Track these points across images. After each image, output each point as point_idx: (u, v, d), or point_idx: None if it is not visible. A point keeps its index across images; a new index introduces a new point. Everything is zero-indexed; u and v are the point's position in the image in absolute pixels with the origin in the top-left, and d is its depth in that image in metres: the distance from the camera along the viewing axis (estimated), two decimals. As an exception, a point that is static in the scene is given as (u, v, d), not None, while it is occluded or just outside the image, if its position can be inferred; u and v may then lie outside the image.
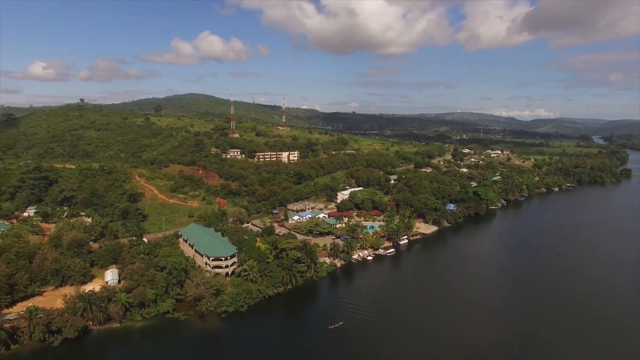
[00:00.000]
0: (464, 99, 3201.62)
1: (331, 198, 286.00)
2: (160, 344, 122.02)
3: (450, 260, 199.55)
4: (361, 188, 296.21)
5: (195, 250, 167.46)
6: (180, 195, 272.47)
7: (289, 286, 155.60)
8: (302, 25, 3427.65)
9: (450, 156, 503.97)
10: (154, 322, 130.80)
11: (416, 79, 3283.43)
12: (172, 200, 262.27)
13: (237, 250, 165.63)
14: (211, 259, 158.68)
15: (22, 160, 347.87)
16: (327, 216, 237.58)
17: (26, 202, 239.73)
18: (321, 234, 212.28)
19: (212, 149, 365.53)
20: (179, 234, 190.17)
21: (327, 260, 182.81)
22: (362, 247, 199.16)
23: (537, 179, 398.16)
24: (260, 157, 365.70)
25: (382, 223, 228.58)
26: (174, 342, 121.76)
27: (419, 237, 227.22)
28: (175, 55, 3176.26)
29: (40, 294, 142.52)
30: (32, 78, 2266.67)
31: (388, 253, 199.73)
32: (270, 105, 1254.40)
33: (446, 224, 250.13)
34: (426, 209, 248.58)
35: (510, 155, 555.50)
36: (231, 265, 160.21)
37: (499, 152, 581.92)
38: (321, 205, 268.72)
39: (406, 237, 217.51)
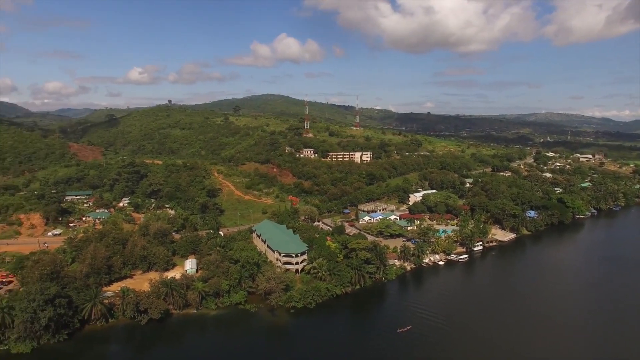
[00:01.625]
0: (549, 99, 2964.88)
1: (403, 200, 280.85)
2: (232, 333, 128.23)
3: (529, 271, 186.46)
4: (434, 191, 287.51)
5: (268, 246, 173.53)
6: (255, 192, 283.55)
7: (357, 286, 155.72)
8: (378, 25, 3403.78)
9: (532, 160, 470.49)
10: (227, 312, 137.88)
11: (496, 77, 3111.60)
12: (247, 197, 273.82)
13: (307, 248, 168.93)
14: (282, 255, 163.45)
15: (120, 156, 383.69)
16: (398, 218, 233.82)
17: (122, 193, 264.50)
18: (392, 236, 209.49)
19: (287, 148, 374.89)
20: (253, 229, 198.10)
21: (397, 262, 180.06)
22: (434, 252, 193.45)
23: (637, 186, 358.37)
24: (333, 156, 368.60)
25: (455, 227, 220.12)
26: (245, 332, 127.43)
27: (494, 244, 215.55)
28: (254, 57, 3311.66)
29: (131, 276, 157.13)
30: (130, 82, 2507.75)
31: (461, 259, 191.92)
32: (343, 106, 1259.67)
33: (525, 232, 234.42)
34: (503, 214, 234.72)
35: (603, 159, 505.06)
36: (301, 262, 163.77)
37: (590, 156, 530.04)
38: (392, 207, 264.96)
39: (481, 243, 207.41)
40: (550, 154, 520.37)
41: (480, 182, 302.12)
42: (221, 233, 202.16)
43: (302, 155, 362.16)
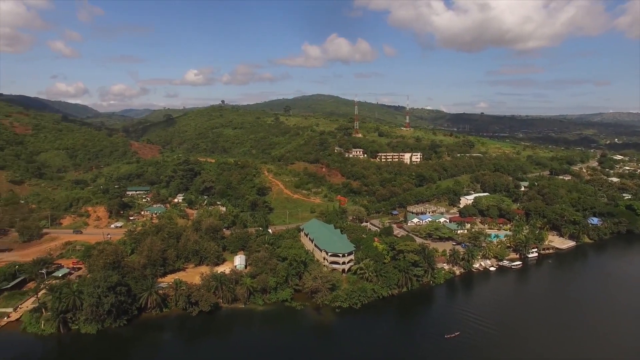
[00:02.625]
0: (618, 97, 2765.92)
1: (453, 202, 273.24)
2: (278, 329, 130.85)
3: (589, 283, 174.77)
4: (487, 194, 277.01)
5: (315, 245, 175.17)
6: (303, 191, 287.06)
7: (404, 289, 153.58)
8: (430, 23, 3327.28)
9: (597, 163, 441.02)
10: (274, 308, 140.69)
11: (556, 75, 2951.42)
12: (296, 196, 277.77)
13: (354, 248, 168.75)
14: (329, 254, 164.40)
15: (175, 154, 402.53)
16: (448, 221, 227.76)
17: (177, 189, 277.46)
18: (441, 239, 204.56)
19: (336, 148, 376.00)
20: (301, 228, 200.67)
21: (446, 266, 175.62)
22: (485, 257, 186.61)
23: None
24: (382, 157, 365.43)
25: (508, 233, 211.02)
26: (291, 329, 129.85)
27: (551, 251, 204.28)
28: (305, 58, 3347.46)
29: (183, 269, 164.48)
30: (187, 84, 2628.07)
31: (514, 265, 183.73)
32: (393, 106, 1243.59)
33: (587, 240, 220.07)
34: (562, 221, 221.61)
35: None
36: (348, 262, 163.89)
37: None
38: (442, 209, 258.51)
39: (536, 250, 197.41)
40: (618, 157, 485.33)
41: (536, 186, 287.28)
42: (270, 231, 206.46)
43: (351, 156, 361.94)
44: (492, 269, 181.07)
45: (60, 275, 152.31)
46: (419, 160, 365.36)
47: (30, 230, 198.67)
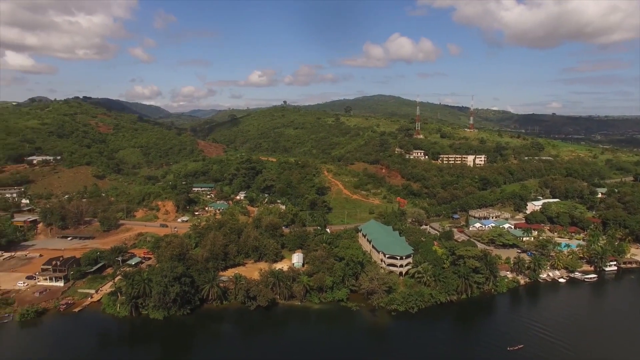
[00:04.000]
0: None
1: (519, 208, 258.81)
2: (333, 328, 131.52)
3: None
4: (557, 200, 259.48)
5: (373, 246, 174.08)
6: (362, 192, 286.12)
7: (464, 295, 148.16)
8: (498, 19, 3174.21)
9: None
10: (329, 307, 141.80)
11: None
12: (355, 196, 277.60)
13: (413, 251, 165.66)
14: (387, 256, 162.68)
15: (239, 153, 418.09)
16: (512, 227, 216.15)
17: (239, 187, 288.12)
18: (504, 246, 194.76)
19: (396, 149, 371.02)
20: (359, 228, 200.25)
21: (509, 275, 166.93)
22: (554, 267, 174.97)
23: None
24: (444, 159, 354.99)
25: (581, 242, 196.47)
26: (345, 329, 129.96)
27: (634, 266, 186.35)
28: (366, 58, 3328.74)
29: (243, 264, 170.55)
30: (251, 85, 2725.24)
31: (587, 278, 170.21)
32: (457, 107, 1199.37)
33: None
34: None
35: None
36: (406, 265, 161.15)
37: None
38: (507, 215, 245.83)
39: (615, 263, 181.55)
40: None
41: (616, 193, 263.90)
42: (328, 230, 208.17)
43: (411, 157, 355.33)
44: (561, 280, 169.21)
45: (133, 263, 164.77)
46: (482, 162, 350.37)
47: (109, 221, 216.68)
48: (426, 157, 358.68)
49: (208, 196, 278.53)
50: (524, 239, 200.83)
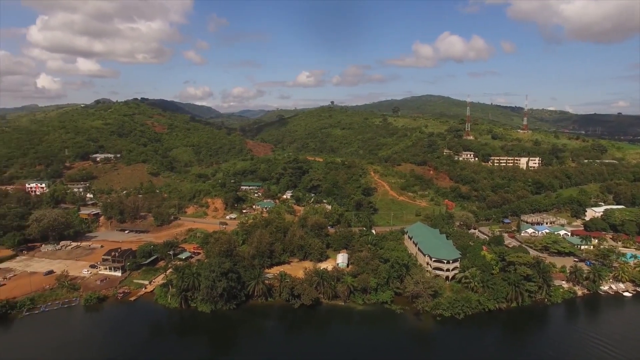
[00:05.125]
0: None
1: (577, 214, 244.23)
2: (376, 330, 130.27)
3: None
4: (622, 206, 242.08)
5: (419, 249, 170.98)
6: (409, 194, 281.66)
7: (514, 304, 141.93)
8: (558, 13, 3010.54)
9: None
10: (373, 309, 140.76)
11: None
12: (401, 198, 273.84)
13: (460, 256, 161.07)
14: (433, 259, 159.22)
15: (286, 153, 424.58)
16: (569, 234, 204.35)
17: (286, 186, 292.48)
18: (559, 254, 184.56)
19: (445, 150, 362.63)
20: (405, 230, 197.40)
21: (565, 284, 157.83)
22: (617, 279, 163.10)
23: None
24: (495, 161, 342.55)
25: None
26: (389, 332, 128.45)
27: None
28: (415, 58, 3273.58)
29: (288, 262, 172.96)
30: (298, 86, 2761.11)
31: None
32: (510, 107, 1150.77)
33: None
34: None
35: None
36: (452, 269, 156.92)
37: None
38: (563, 221, 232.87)
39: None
40: None
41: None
42: (373, 231, 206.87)
43: (461, 159, 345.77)
44: (626, 294, 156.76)
45: (183, 257, 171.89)
46: (537, 165, 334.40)
47: (163, 216, 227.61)
48: (476, 158, 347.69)
49: (255, 195, 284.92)
50: (582, 247, 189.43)
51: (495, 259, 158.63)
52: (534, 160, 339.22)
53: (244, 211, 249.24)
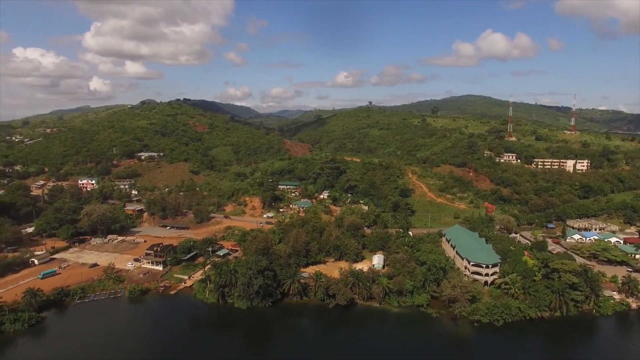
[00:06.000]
0: None
1: (631, 220, 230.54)
2: (412, 333, 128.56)
3: None
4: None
5: (457, 252, 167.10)
6: (448, 196, 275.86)
7: (558, 313, 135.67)
8: (612, 5, 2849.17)
9: None
10: (408, 312, 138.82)
11: None
12: (439, 200, 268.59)
13: (500, 260, 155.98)
14: (471, 263, 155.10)
15: (323, 153, 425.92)
16: (621, 241, 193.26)
17: (322, 186, 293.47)
18: (610, 262, 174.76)
19: (485, 152, 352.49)
20: (443, 233, 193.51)
21: (617, 295, 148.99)
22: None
23: None
24: (539, 163, 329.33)
25: None
26: (424, 336, 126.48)
27: None
28: (456, 57, 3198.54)
29: (324, 262, 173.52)
30: (336, 86, 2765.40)
31: None
32: (555, 107, 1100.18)
33: None
34: None
35: None
36: (492, 274, 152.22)
37: None
38: (614, 227, 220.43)
39: None
40: None
41: None
42: (410, 233, 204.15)
43: (502, 160, 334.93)
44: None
45: (221, 254, 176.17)
46: (585, 168, 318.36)
47: (202, 213, 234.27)
48: (518, 160, 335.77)
49: (293, 194, 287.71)
50: (637, 256, 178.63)
51: (537, 265, 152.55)
52: (582, 162, 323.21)
53: (281, 210, 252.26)
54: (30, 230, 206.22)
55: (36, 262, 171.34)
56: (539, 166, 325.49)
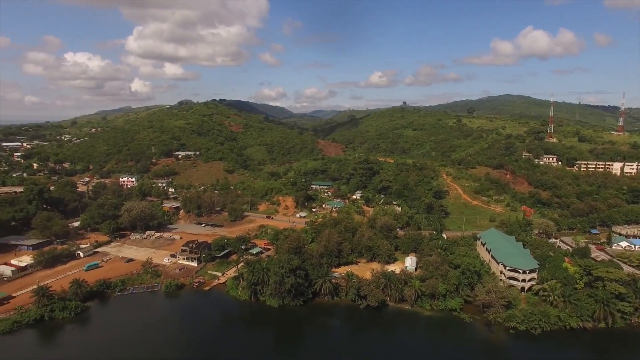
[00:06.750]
0: None
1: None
2: (444, 338, 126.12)
3: None
4: None
5: (492, 256, 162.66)
6: (483, 198, 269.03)
7: (602, 324, 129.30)
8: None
9: None
10: (441, 316, 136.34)
11: None
12: (474, 202, 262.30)
13: (538, 266, 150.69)
14: (507, 268, 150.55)
15: (357, 153, 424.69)
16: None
17: (355, 187, 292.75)
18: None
19: (524, 153, 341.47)
20: (478, 236, 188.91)
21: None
22: None
23: None
24: (582, 166, 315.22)
25: None
26: (457, 341, 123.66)
27: None
28: (494, 55, 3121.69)
29: (356, 263, 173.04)
30: (370, 86, 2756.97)
31: None
32: (601, 106, 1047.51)
33: None
34: None
35: None
36: (529, 280, 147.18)
37: None
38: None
39: None
40: None
41: None
42: (444, 235, 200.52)
43: (541, 162, 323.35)
44: None
45: (254, 252, 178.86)
46: (634, 171, 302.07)
47: (236, 212, 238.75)
48: (559, 163, 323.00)
49: (325, 194, 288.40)
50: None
51: (579, 272, 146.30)
52: (632, 165, 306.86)
53: (314, 210, 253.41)
54: (76, 224, 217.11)
55: (81, 254, 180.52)
56: (582, 169, 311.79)
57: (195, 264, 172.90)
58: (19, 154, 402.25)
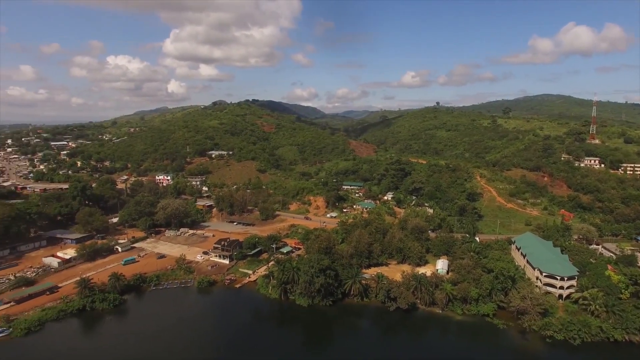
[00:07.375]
0: None
1: None
2: (476, 343, 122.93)
3: None
4: None
5: (527, 261, 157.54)
6: (519, 201, 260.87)
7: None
8: None
9: None
10: (472, 321, 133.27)
11: None
12: (509, 205, 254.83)
13: (577, 273, 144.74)
14: (544, 274, 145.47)
15: (389, 154, 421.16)
16: None
17: (387, 188, 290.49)
18: None
19: (563, 155, 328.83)
20: (512, 240, 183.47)
21: None
22: None
23: None
24: (628, 169, 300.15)
25: None
26: (489, 347, 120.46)
27: None
28: (532, 53, 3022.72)
29: (386, 264, 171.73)
30: (403, 86, 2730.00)
31: None
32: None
33: None
34: None
35: None
36: (567, 287, 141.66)
37: None
38: None
39: None
40: None
41: None
42: (477, 239, 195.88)
43: (582, 165, 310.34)
44: None
45: (284, 252, 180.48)
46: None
47: (268, 211, 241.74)
48: (602, 165, 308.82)
49: (356, 194, 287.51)
50: None
51: (624, 281, 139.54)
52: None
53: (345, 210, 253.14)
54: (115, 220, 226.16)
55: (119, 249, 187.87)
56: (628, 172, 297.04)
57: (227, 261, 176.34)
58: (65, 152, 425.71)
